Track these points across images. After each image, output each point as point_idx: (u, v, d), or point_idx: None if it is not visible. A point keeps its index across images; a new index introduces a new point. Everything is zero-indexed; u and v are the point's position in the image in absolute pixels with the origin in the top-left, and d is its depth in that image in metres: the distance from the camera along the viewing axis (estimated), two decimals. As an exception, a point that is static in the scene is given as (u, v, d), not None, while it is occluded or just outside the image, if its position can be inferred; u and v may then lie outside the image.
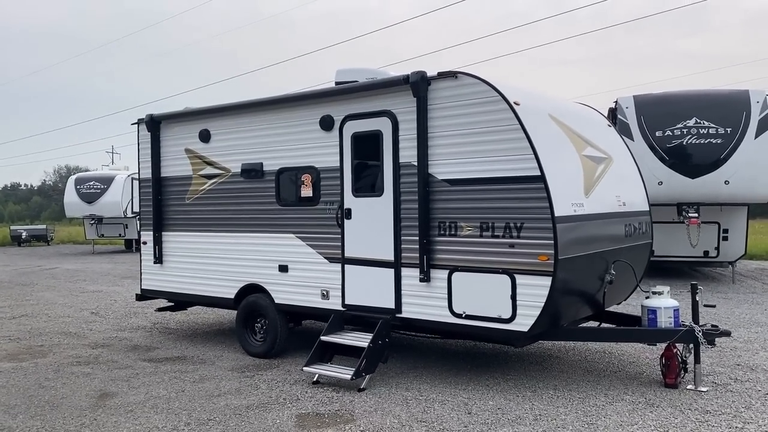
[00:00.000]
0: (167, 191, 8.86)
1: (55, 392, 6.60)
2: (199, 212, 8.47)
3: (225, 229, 8.20)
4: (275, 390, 6.42)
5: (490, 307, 6.04)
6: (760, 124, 12.92)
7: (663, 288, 6.41)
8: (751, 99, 13.08)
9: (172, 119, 8.78)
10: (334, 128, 7.12)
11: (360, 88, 6.95)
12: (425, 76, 6.35)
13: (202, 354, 8.14)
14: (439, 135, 6.33)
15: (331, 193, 7.18)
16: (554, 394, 6.10)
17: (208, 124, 8.36)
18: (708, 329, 6.10)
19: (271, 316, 7.72)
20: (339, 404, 5.93)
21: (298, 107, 7.45)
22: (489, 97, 6.02)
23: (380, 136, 6.74)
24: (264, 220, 7.80)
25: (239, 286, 8.04)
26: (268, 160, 7.74)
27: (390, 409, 5.75)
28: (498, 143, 5.98)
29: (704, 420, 5.33)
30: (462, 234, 6.22)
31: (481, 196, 6.10)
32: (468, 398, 6.03)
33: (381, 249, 6.76)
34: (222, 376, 7.01)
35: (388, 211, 6.70)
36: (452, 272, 6.27)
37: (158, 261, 8.92)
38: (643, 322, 6.43)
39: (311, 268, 7.35)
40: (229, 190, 8.14)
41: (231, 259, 8.13)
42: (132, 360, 7.92)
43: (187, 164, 8.61)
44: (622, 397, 5.97)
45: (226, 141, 8.17)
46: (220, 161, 8.25)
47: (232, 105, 8.13)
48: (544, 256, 5.74)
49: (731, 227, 13.93)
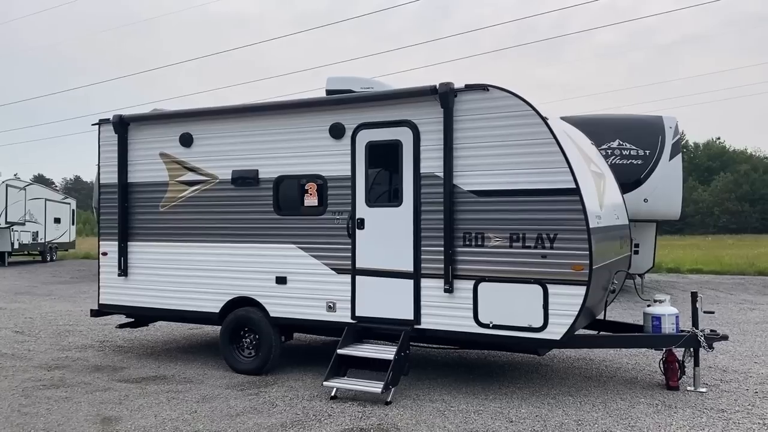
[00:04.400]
0: (136, 198, 8.22)
1: (46, 419, 5.90)
2: (177, 221, 7.94)
3: (209, 240, 7.74)
4: (297, 407, 6.14)
5: (520, 317, 6.16)
6: (673, 147, 14.17)
7: (664, 296, 6.85)
8: (665, 124, 14.32)
9: (144, 121, 8.19)
10: (345, 136, 6.97)
11: (377, 97, 6.87)
12: (453, 88, 6.40)
13: (182, 372, 7.61)
14: (466, 146, 6.40)
15: (340, 202, 7.00)
16: (575, 400, 6.30)
17: (190, 127, 7.88)
18: (708, 334, 6.58)
19: (265, 330, 7.37)
20: (376, 418, 5.78)
21: (303, 114, 7.22)
22: (521, 111, 6.17)
23: (399, 146, 6.69)
24: (258, 230, 7.45)
25: (226, 300, 7.61)
26: (265, 167, 7.42)
27: (432, 422, 5.68)
28: (530, 156, 6.14)
29: (727, 418, 5.74)
30: (490, 245, 6.30)
31: (511, 207, 6.22)
32: (499, 407, 6.09)
33: (398, 260, 6.68)
34: (225, 395, 6.59)
35: (407, 221, 6.65)
36: (478, 282, 6.32)
37: (123, 273, 8.24)
38: (646, 329, 6.81)
39: (315, 280, 7.11)
40: (216, 198, 7.71)
41: (216, 270, 7.68)
42: (106, 381, 7.24)
43: (162, 169, 8.05)
44: (639, 401, 6.28)
45: (213, 146, 7.74)
46: (204, 167, 7.79)
47: (221, 108, 7.73)
48: (579, 266, 5.95)
49: (642, 242, 15.06)
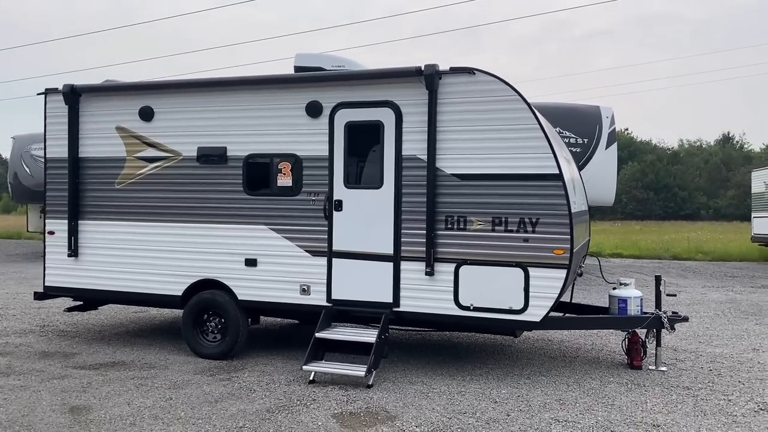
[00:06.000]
0: (89, 174, 7.73)
1: (6, 410, 5.49)
2: (135, 199, 7.53)
3: (171, 219, 7.39)
4: (277, 392, 5.99)
5: (501, 299, 6.24)
6: (609, 136, 14.74)
7: (629, 280, 7.12)
8: (602, 114, 14.87)
9: (99, 92, 7.69)
10: (323, 115, 6.80)
11: (358, 76, 6.73)
12: (439, 70, 6.35)
13: (141, 358, 7.27)
14: (450, 129, 6.38)
15: (316, 183, 6.84)
16: (549, 380, 6.47)
17: (151, 100, 7.46)
18: (670, 315, 6.90)
19: (232, 314, 7.14)
20: (362, 402, 5.72)
21: (277, 90, 6.98)
22: (507, 95, 6.21)
23: (381, 127, 6.59)
24: (226, 210, 7.18)
25: (189, 282, 7.31)
26: (234, 145, 7.14)
27: (420, 404, 5.68)
28: (514, 141, 6.20)
29: (694, 395, 6.04)
30: (472, 228, 6.33)
31: (494, 191, 6.27)
32: (479, 388, 6.17)
33: (378, 242, 6.61)
34: (197, 381, 6.35)
35: (387, 204, 6.58)
36: (460, 265, 6.35)
37: (73, 254, 7.75)
38: (612, 311, 7.06)
39: (288, 262, 6.93)
40: (180, 176, 7.36)
41: (179, 252, 7.35)
42: (60, 368, 6.82)
43: (119, 144, 7.60)
44: (608, 380, 6.52)
45: (176, 121, 7.37)
46: (166, 143, 7.41)
47: (187, 82, 7.39)
48: (560, 250, 6.08)
49: (575, 227, 15.63)
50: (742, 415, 5.49)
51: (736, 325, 9.67)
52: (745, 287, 14.26)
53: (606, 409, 5.59)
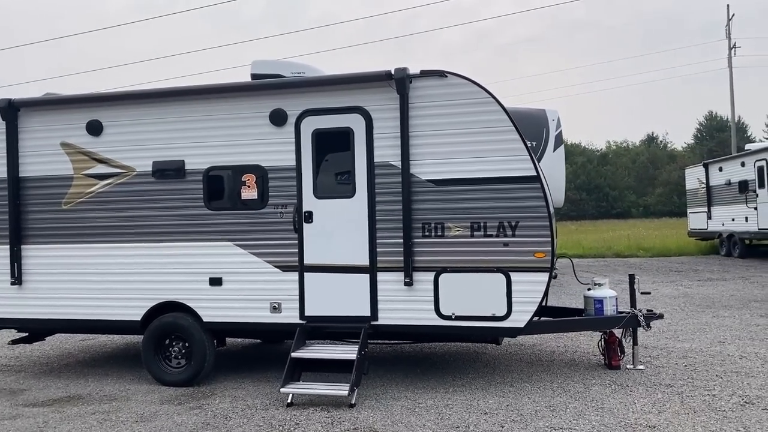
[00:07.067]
0: (32, 195, 7.16)
1: (-44, 460, 4.94)
2: (86, 219, 7.01)
3: (127, 240, 6.91)
4: (255, 419, 5.63)
5: (483, 306, 6.08)
6: (556, 138, 14.90)
7: (603, 280, 7.09)
8: (548, 117, 15.02)
9: (40, 106, 7.14)
10: (288, 123, 6.50)
11: (324, 82, 6.47)
12: (409, 73, 6.17)
13: (99, 390, 6.76)
14: (423, 134, 6.19)
15: (284, 195, 6.53)
16: (533, 387, 6.34)
17: (99, 113, 6.98)
18: (646, 314, 6.89)
19: (197, 337, 6.72)
20: (348, 423, 5.43)
21: (238, 98, 6.63)
22: (480, 98, 6.08)
23: (351, 134, 6.35)
24: (186, 227, 6.76)
25: (149, 306, 6.84)
26: (193, 158, 6.75)
27: (409, 420, 5.44)
28: (490, 144, 6.07)
29: (679, 392, 6.03)
30: (450, 235, 6.15)
31: (471, 196, 6.11)
32: (466, 399, 5.98)
33: (352, 254, 6.35)
34: (166, 412, 5.91)
35: (361, 213, 6.33)
36: (439, 274, 6.16)
37: (17, 282, 7.14)
38: (588, 312, 7.00)
39: (257, 279, 6.58)
40: (134, 193, 6.90)
41: (136, 274, 6.88)
42: (8, 407, 6.25)
43: (64, 162, 7.07)
44: (591, 382, 6.45)
45: (128, 135, 6.91)
46: (118, 158, 6.94)
47: (138, 93, 6.94)
48: (541, 253, 5.97)
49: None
50: (730, 410, 5.49)
51: (695, 319, 9.85)
52: (692, 281, 14.66)
53: (598, 413, 5.49)
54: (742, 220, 19.28)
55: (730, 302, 11.39)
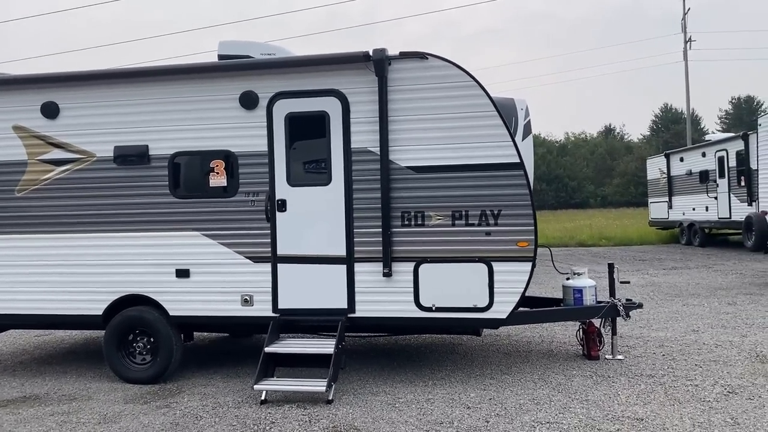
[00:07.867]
0: (-19, 182, 6.69)
1: None
2: (41, 208, 6.58)
3: (86, 229, 6.50)
4: (228, 418, 5.33)
5: (465, 297, 5.88)
6: (525, 128, 14.80)
7: (582, 269, 6.97)
8: (517, 106, 14.88)
9: (-11, 86, 6.66)
10: (260, 107, 6.18)
11: (298, 63, 6.16)
12: (388, 55, 5.90)
13: (58, 389, 6.36)
14: (402, 119, 5.95)
15: (255, 182, 6.21)
16: (515, 379, 6.18)
17: (54, 95, 6.54)
18: (625, 303, 6.80)
19: (163, 332, 6.38)
20: (327, 420, 5.18)
21: (206, 80, 6.28)
22: (462, 81, 5.86)
23: (326, 118, 6.06)
24: (151, 216, 6.40)
25: (111, 300, 6.46)
26: (158, 143, 6.37)
27: (390, 417, 5.22)
28: (472, 129, 5.86)
29: (661, 383, 5.94)
30: (430, 224, 5.93)
31: (452, 183, 5.90)
32: (447, 393, 5.78)
33: (328, 244, 6.08)
34: (131, 412, 5.57)
35: (337, 201, 6.05)
36: (419, 264, 5.94)
37: (-35, 275, 6.68)
38: (567, 302, 6.87)
39: (227, 271, 6.26)
40: (93, 179, 6.49)
41: (96, 266, 6.48)
42: (-41, 410, 5.82)
43: (18, 146, 6.62)
44: (572, 373, 6.33)
45: (87, 118, 6.49)
46: (76, 143, 6.52)
47: (98, 73, 6.50)
48: (524, 242, 5.80)
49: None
50: (714, 399, 5.41)
51: (666, 308, 9.87)
52: (657, 270, 14.79)
53: (583, 406, 5.35)
54: (702, 209, 19.59)
55: (697, 290, 11.48)
